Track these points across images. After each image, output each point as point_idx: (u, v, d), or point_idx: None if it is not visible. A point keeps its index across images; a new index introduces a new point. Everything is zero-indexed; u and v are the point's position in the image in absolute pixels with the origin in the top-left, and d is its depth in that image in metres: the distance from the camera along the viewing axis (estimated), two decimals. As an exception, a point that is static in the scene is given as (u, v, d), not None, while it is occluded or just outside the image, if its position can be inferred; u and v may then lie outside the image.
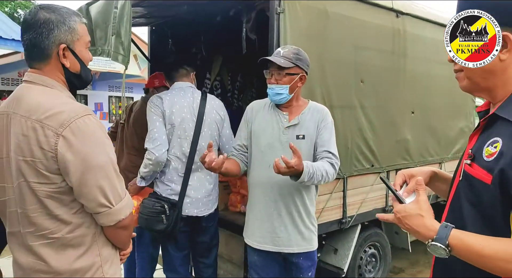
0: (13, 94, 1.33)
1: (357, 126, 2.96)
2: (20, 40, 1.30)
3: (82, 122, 1.22)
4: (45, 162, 1.20)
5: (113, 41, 1.92)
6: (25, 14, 1.31)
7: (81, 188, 1.23)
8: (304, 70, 2.06)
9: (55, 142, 1.19)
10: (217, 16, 3.40)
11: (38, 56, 1.29)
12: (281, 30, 2.42)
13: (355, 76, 2.93)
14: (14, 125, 1.25)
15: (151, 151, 2.29)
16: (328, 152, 2.06)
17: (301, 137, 2.05)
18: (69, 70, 1.33)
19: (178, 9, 2.95)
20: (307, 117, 2.09)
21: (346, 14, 2.81)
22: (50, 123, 1.20)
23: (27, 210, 1.25)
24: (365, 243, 3.33)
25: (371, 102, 3.05)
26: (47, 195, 1.23)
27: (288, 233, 2.07)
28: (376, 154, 3.11)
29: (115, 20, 1.91)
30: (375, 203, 3.22)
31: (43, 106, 1.23)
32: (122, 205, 1.31)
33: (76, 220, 1.28)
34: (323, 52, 2.69)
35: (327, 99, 2.71)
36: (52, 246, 1.27)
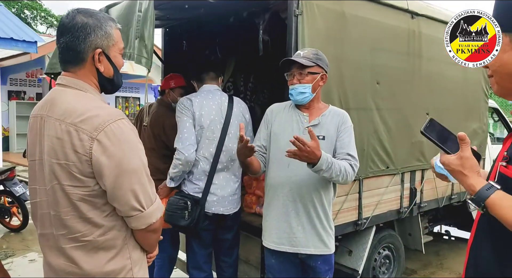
0: (47, 97, 1.35)
1: (373, 128, 2.95)
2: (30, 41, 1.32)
3: (116, 126, 1.23)
4: (79, 165, 1.21)
5: (137, 44, 1.93)
6: (62, 17, 1.31)
7: (114, 191, 1.24)
8: (324, 70, 2.11)
9: (89, 146, 1.20)
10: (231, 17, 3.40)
11: (74, 60, 1.31)
12: (299, 32, 2.43)
13: (371, 77, 2.93)
14: (48, 128, 1.26)
15: (181, 151, 2.36)
16: (347, 154, 2.08)
17: (321, 138, 2.07)
18: (102, 75, 1.35)
19: (194, 11, 2.95)
20: (327, 119, 2.12)
21: (363, 15, 2.81)
22: (84, 127, 1.21)
23: (60, 213, 1.26)
24: (379, 244, 3.33)
25: (387, 104, 3.05)
26: (80, 198, 1.24)
27: (305, 233, 2.08)
28: (391, 156, 3.10)
29: (138, 24, 1.92)
30: (390, 205, 3.22)
31: (78, 110, 1.24)
32: (153, 209, 1.32)
33: (108, 223, 1.29)
34: (340, 54, 2.69)
35: (344, 101, 2.71)
36: (84, 249, 1.28)
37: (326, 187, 2.11)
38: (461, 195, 3.93)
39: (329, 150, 2.08)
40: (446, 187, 3.75)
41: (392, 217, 3.27)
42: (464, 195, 3.98)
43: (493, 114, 5.14)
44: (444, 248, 4.88)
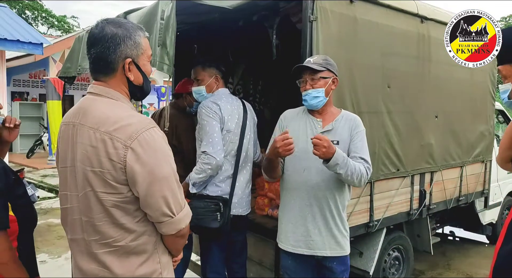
0: (78, 105, 1.38)
1: (384, 131, 2.99)
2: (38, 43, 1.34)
3: (148, 135, 1.27)
4: (114, 172, 1.24)
5: (159, 51, 1.96)
6: (92, 28, 1.33)
7: (147, 198, 1.27)
8: (334, 74, 2.16)
9: (124, 154, 1.23)
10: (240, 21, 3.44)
11: (105, 69, 1.34)
12: (313, 38, 2.46)
13: (382, 81, 2.97)
14: (81, 136, 1.29)
15: (212, 155, 2.35)
16: (360, 157, 2.13)
17: (336, 143, 2.10)
18: (132, 83, 1.38)
19: (208, 16, 2.99)
20: (340, 124, 2.16)
21: (374, 20, 2.84)
22: (119, 135, 1.24)
23: (93, 219, 1.29)
24: (389, 246, 3.37)
25: (397, 107, 3.09)
26: (113, 205, 1.27)
27: (322, 236, 2.11)
28: (401, 158, 3.14)
29: (161, 31, 1.95)
30: (400, 207, 3.25)
31: (111, 118, 1.27)
32: (183, 215, 1.35)
33: (139, 228, 1.32)
34: (352, 59, 2.73)
35: (356, 105, 2.75)
36: (116, 254, 1.31)
37: (341, 191, 2.15)
38: (468, 197, 3.96)
39: (343, 150, 2.10)
40: (454, 189, 3.79)
41: (402, 219, 3.31)
42: (471, 197, 4.02)
43: (498, 116, 5.18)
44: (450, 249, 4.92)
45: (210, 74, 2.61)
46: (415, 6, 3.15)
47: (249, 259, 2.92)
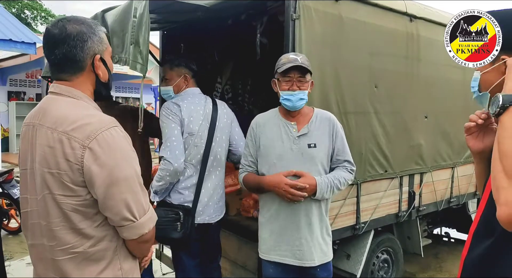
0: (39, 105, 1.33)
1: (371, 132, 2.94)
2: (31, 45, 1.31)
3: (108, 135, 1.22)
4: (71, 174, 1.19)
5: (132, 50, 1.91)
6: (49, 30, 1.27)
7: (106, 201, 1.22)
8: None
9: (81, 154, 1.18)
10: (229, 20, 3.39)
11: (71, 69, 1.28)
12: (296, 37, 2.41)
13: (369, 81, 2.92)
14: (40, 137, 1.24)
15: (169, 160, 2.21)
16: (344, 160, 2.13)
17: (313, 146, 2.06)
18: (99, 80, 1.34)
19: (191, 15, 2.94)
20: (316, 125, 2.11)
21: (361, 19, 2.79)
22: (76, 135, 1.19)
23: (51, 223, 1.24)
24: (377, 248, 3.32)
25: (385, 108, 3.04)
26: (72, 208, 1.22)
27: (309, 246, 2.05)
28: (389, 159, 3.09)
29: (133, 29, 1.90)
30: (388, 209, 3.20)
31: (70, 118, 1.22)
32: (146, 219, 1.30)
33: (99, 233, 1.27)
34: (337, 58, 2.68)
35: (341, 105, 2.70)
36: (75, 261, 1.25)
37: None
38: (460, 198, 3.91)
39: (321, 156, 2.07)
40: (445, 190, 3.74)
41: (390, 221, 3.26)
42: (463, 198, 3.96)
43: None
44: (443, 251, 4.87)
45: (179, 73, 2.48)
46: (404, 4, 3.09)
47: (233, 262, 2.88)
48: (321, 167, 2.08)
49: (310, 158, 2.05)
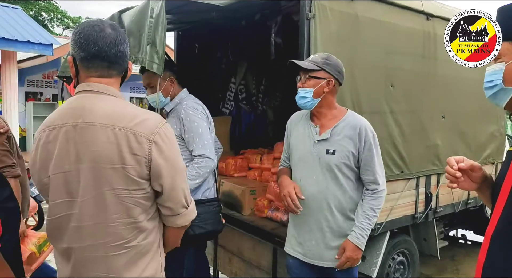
0: (74, 105, 1.30)
1: (387, 132, 2.90)
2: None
3: (166, 129, 1.30)
4: (138, 167, 1.23)
5: (148, 50, 1.93)
6: (104, 28, 1.28)
7: (170, 191, 1.28)
8: (332, 76, 1.98)
9: (148, 148, 1.23)
10: (243, 20, 3.40)
11: (120, 67, 1.34)
12: (311, 36, 2.40)
13: (385, 81, 2.88)
14: (90, 135, 1.23)
15: (210, 157, 2.31)
16: (371, 180, 2.00)
17: (331, 152, 1.98)
18: (123, 81, 1.39)
19: (205, 14, 2.95)
20: (340, 131, 1.99)
21: (377, 18, 2.76)
22: (141, 130, 1.24)
23: (107, 220, 1.24)
24: (393, 250, 3.27)
25: (401, 107, 2.99)
26: (134, 202, 1.25)
27: (318, 248, 2.03)
28: (406, 160, 3.05)
29: (150, 30, 1.92)
30: (405, 210, 3.16)
31: (127, 114, 1.25)
32: (193, 205, 1.39)
33: (150, 225, 1.32)
34: (353, 57, 2.65)
35: (356, 105, 2.67)
36: (127, 256, 1.27)
37: (342, 202, 2.01)
38: (477, 200, 3.84)
39: (338, 163, 1.98)
40: (463, 191, 3.67)
41: (406, 222, 3.22)
42: (480, 200, 3.89)
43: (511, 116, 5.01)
44: (460, 253, 4.78)
45: (164, 77, 2.40)
46: (420, 3, 3.05)
47: (247, 262, 2.87)
48: (340, 174, 1.98)
49: (326, 164, 1.99)
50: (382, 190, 1.99)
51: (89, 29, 1.26)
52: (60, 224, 1.30)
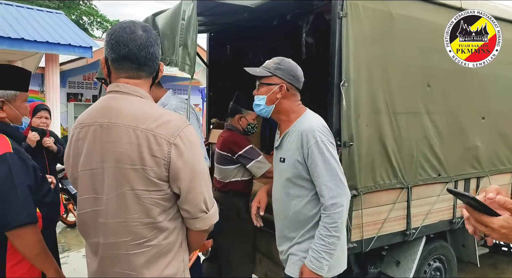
0: (103, 105, 1.32)
1: (423, 133, 2.80)
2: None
3: (187, 132, 1.28)
4: (157, 169, 1.23)
5: (181, 52, 1.96)
6: (135, 30, 1.30)
7: (187, 194, 1.27)
8: (285, 80, 1.89)
9: (167, 150, 1.23)
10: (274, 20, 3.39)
11: (150, 69, 1.34)
12: (343, 35, 2.35)
13: (421, 80, 2.78)
14: (115, 135, 1.25)
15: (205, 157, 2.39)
16: (320, 193, 1.79)
17: (282, 160, 1.94)
18: (153, 82, 1.40)
19: (237, 16, 2.97)
20: (289, 138, 1.91)
21: (412, 15, 2.67)
22: (161, 132, 1.24)
23: (128, 219, 1.26)
24: (429, 256, 3.15)
25: (438, 108, 2.88)
26: (154, 202, 1.26)
27: (284, 256, 2.01)
28: (443, 162, 2.93)
29: (182, 32, 1.95)
30: (442, 215, 3.04)
31: (151, 116, 1.26)
32: (214, 210, 1.37)
33: (171, 225, 1.32)
34: (387, 56, 2.58)
35: (390, 105, 2.60)
36: (147, 254, 1.29)
37: (294, 214, 1.89)
38: (522, 205, 3.62)
39: (288, 173, 1.88)
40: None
41: (444, 227, 3.09)
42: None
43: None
44: (502, 261, 4.53)
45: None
46: (459, 1, 2.92)
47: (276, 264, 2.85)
48: (291, 183, 1.87)
49: (279, 173, 1.95)
50: (331, 205, 1.73)
51: (121, 31, 1.29)
52: (88, 219, 1.34)
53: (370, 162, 2.52)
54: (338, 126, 2.34)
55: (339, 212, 1.73)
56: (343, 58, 2.34)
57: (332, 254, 1.75)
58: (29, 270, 1.63)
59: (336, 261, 1.88)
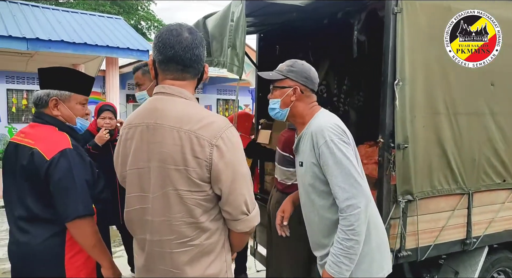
0: (149, 106, 1.37)
1: (486, 135, 2.60)
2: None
3: (229, 133, 1.29)
4: (199, 170, 1.26)
5: (229, 53, 1.98)
6: (181, 32, 1.32)
7: (229, 196, 1.29)
8: (298, 82, 1.86)
9: (209, 152, 1.25)
10: (324, 19, 3.32)
11: (195, 71, 1.36)
12: (397, 32, 2.24)
13: (484, 79, 2.57)
14: (160, 136, 1.29)
15: None
16: (335, 195, 1.71)
17: (300, 164, 1.89)
18: (198, 83, 1.42)
19: (286, 16, 2.94)
20: (303, 141, 1.86)
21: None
22: (204, 133, 1.26)
23: (171, 218, 1.29)
24: (492, 268, 2.92)
25: (503, 108, 2.66)
26: (196, 203, 1.28)
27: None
28: (508, 168, 2.70)
29: (231, 33, 1.97)
30: (507, 224, 2.80)
31: (194, 117, 1.29)
32: (256, 212, 1.37)
33: (213, 226, 1.34)
34: (445, 54, 2.40)
35: (450, 105, 2.43)
36: (190, 253, 1.31)
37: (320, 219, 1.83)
38: None
39: (309, 178, 1.81)
40: None
41: (509, 237, 2.84)
42: None
43: None
44: None
45: (150, 78, 2.45)
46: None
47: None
48: (311, 188, 1.81)
49: (300, 177, 1.91)
50: (346, 206, 1.64)
51: (167, 33, 1.31)
52: (136, 216, 1.38)
53: (427, 166, 2.37)
54: (391, 128, 2.23)
55: (356, 214, 1.64)
56: (397, 56, 2.23)
57: (352, 258, 1.67)
58: (85, 261, 1.72)
59: (377, 264, 1.81)
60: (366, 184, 1.75)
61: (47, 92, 1.77)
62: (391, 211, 2.26)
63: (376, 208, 1.93)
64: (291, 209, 2.17)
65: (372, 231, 1.80)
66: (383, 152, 2.24)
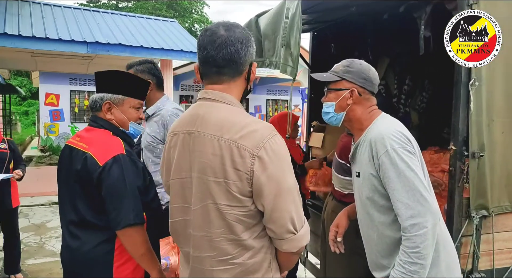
0: (192, 112, 1.30)
1: None
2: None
3: (273, 143, 1.17)
4: (239, 184, 1.15)
5: (283, 52, 1.85)
6: (216, 30, 1.23)
7: (272, 212, 1.16)
8: (356, 84, 1.67)
9: (251, 163, 1.14)
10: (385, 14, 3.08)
11: (232, 72, 1.25)
12: (473, 25, 1.98)
13: None
14: (200, 145, 1.21)
15: None
16: (397, 212, 1.51)
17: (357, 175, 1.69)
18: (247, 87, 1.30)
19: (343, 11, 2.76)
20: (361, 149, 1.67)
21: None
22: (245, 143, 1.15)
23: (212, 234, 1.21)
24: None
25: None
26: (236, 219, 1.18)
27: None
28: None
29: (285, 31, 1.84)
30: None
31: (235, 125, 1.18)
32: (305, 231, 1.23)
33: (257, 244, 1.22)
34: (531, 49, 2.11)
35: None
36: (232, 272, 1.22)
37: (379, 237, 1.64)
38: None
39: (367, 190, 1.63)
40: None
41: None
42: None
43: None
44: None
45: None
46: None
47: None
48: (369, 201, 1.63)
49: (357, 189, 1.71)
50: (410, 226, 1.45)
51: (203, 34, 1.23)
52: (179, 228, 1.32)
53: (506, 177, 2.09)
54: (465, 134, 1.98)
55: (422, 235, 1.44)
56: (472, 52, 1.97)
57: (422, 263, 1.46)
58: (133, 270, 1.68)
59: None
60: (434, 200, 1.54)
61: (101, 96, 1.77)
62: (463, 227, 2.01)
63: (444, 225, 1.71)
64: (346, 224, 1.98)
65: (442, 251, 1.59)
66: (455, 161, 1.99)
